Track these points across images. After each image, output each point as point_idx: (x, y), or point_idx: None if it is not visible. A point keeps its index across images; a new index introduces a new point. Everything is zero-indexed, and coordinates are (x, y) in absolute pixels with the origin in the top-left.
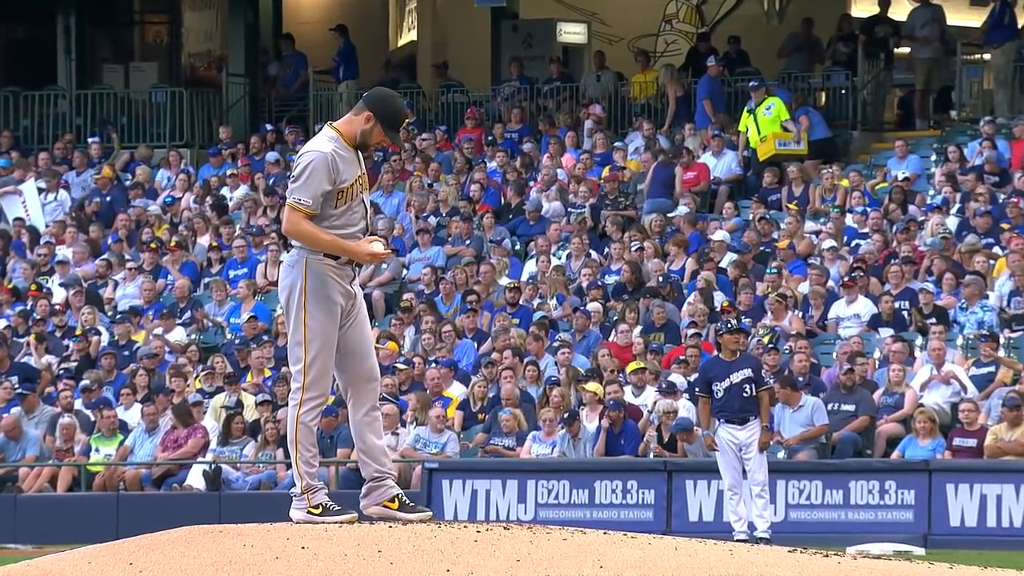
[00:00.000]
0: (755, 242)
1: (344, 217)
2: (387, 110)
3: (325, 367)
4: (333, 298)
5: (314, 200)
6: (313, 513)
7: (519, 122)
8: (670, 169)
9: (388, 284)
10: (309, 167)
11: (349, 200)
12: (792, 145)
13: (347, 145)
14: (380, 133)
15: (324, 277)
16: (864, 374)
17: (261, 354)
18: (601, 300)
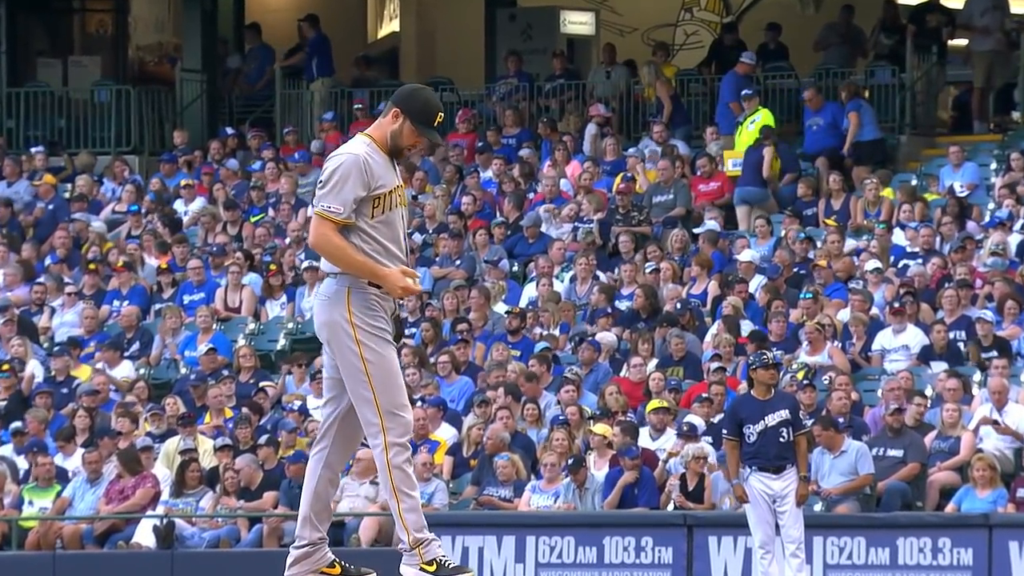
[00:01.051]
0: (788, 263)
1: (382, 229)
2: (416, 104)
3: (398, 401)
4: (385, 329)
5: (346, 207)
6: (427, 571)
7: (517, 125)
8: (759, 152)
9: None
10: (340, 169)
11: (387, 210)
12: None
13: (381, 152)
14: (412, 132)
15: (373, 309)
16: (914, 415)
17: (220, 392)
18: (611, 329)
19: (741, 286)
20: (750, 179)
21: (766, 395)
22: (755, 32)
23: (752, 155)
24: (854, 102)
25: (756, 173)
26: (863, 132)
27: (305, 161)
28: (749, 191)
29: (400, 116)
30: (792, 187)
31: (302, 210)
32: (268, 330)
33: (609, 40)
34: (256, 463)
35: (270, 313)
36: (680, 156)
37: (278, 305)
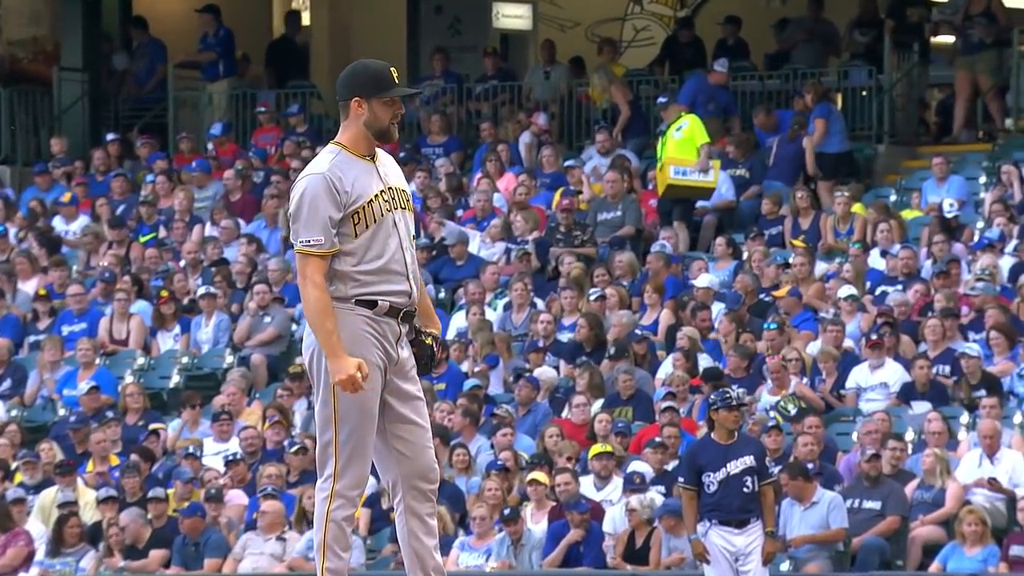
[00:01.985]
0: (751, 289)
1: (372, 247)
2: (365, 77)
3: (361, 450)
4: (369, 359)
5: (327, 236)
6: None
7: (444, 132)
8: (797, 143)
9: (272, 343)
10: (305, 196)
11: (372, 222)
12: (695, 175)
13: (356, 155)
14: (383, 105)
15: (357, 333)
16: (893, 461)
17: (105, 436)
18: (551, 364)
19: (703, 314)
20: (782, 173)
21: (728, 439)
22: (713, 27)
23: (786, 148)
24: (822, 107)
25: (790, 169)
26: (828, 143)
27: (203, 171)
28: (780, 187)
29: (362, 102)
30: (754, 202)
31: (198, 227)
32: (160, 365)
33: (548, 36)
34: (144, 518)
35: (162, 346)
36: (629, 168)
37: (171, 337)
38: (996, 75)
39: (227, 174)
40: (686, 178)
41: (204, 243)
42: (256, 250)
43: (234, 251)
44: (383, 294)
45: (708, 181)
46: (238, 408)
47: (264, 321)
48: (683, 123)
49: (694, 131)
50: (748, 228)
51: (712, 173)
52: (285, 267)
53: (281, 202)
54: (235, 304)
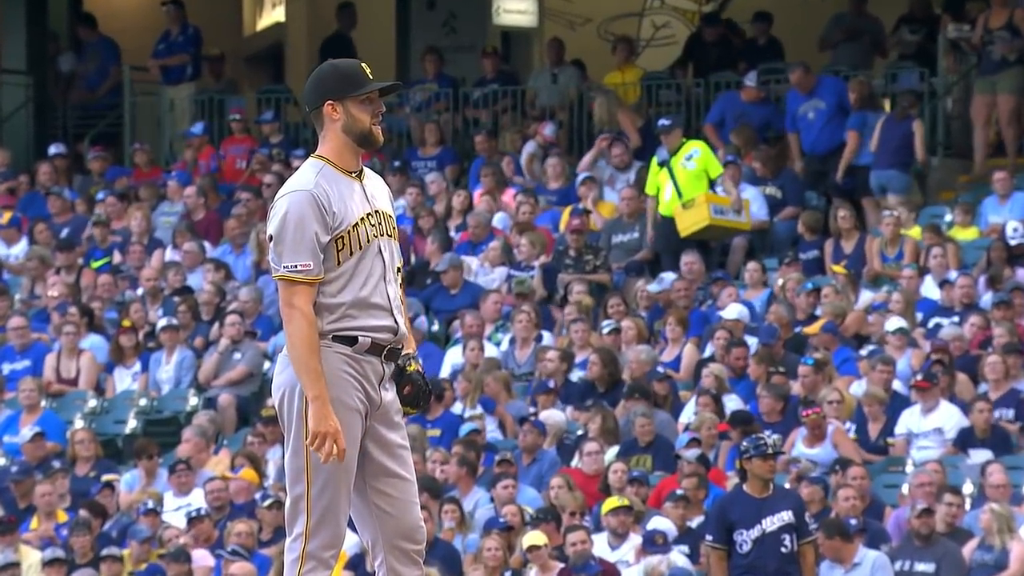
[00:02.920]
0: (785, 321)
1: (356, 277)
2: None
3: (336, 506)
4: (347, 403)
5: (316, 260)
6: None
7: (438, 143)
8: (907, 124)
9: (242, 383)
10: (290, 214)
11: (356, 249)
12: (731, 215)
13: (341, 170)
14: (360, 105)
15: (335, 373)
16: (949, 518)
17: (51, 489)
18: (559, 407)
19: (739, 351)
20: (890, 160)
21: (763, 492)
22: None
23: (893, 129)
24: (858, 116)
25: (899, 153)
26: (862, 155)
27: (162, 187)
28: (889, 176)
29: (335, 105)
30: (790, 224)
31: (158, 251)
32: (114, 408)
33: (556, 34)
34: None
35: (118, 386)
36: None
37: (128, 375)
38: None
39: (188, 191)
40: (724, 218)
41: (165, 269)
42: (224, 277)
43: (199, 278)
44: (365, 329)
45: (743, 222)
46: (203, 457)
47: (233, 358)
48: (693, 151)
49: (707, 162)
50: (782, 252)
51: (745, 214)
52: (257, 296)
53: (249, 222)
54: (200, 338)
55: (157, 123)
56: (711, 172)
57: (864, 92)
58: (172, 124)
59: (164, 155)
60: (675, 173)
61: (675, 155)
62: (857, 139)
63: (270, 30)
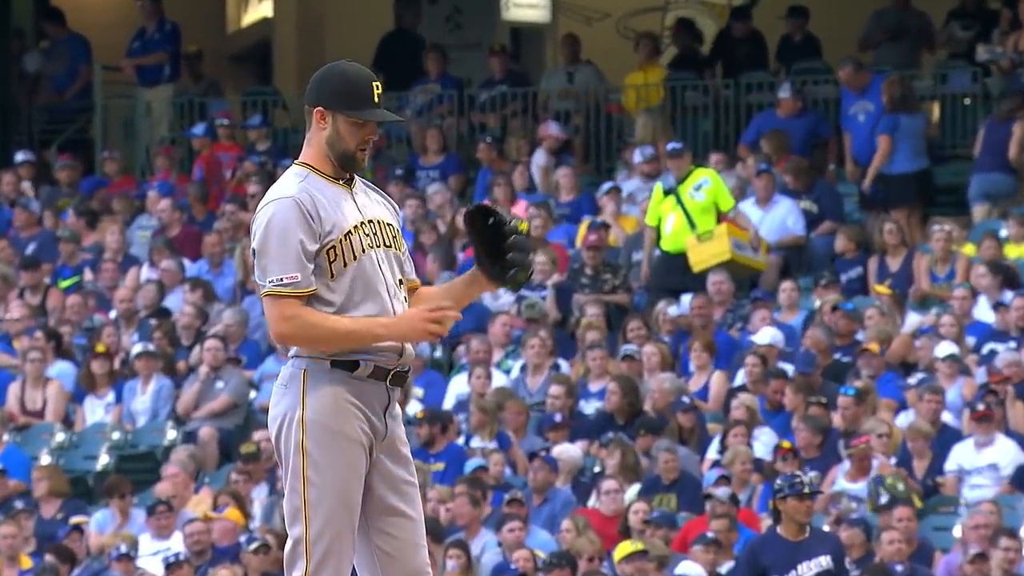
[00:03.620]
0: (824, 346)
1: (353, 293)
2: (334, 86)
3: (338, 548)
4: (350, 435)
5: (304, 273)
6: None
7: (441, 150)
8: (1007, 128)
9: (225, 414)
10: (273, 224)
11: (350, 261)
12: (749, 252)
13: (328, 179)
14: (350, 125)
15: (336, 403)
16: (1006, 564)
17: (14, 531)
18: (574, 441)
19: (778, 383)
20: (992, 163)
21: (798, 535)
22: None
23: (996, 132)
24: (890, 119)
25: (1001, 156)
26: (895, 162)
27: (139, 199)
28: (993, 180)
29: (325, 114)
30: (828, 240)
31: (133, 270)
32: (85, 442)
33: (571, 30)
34: None
35: (88, 418)
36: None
37: (100, 406)
38: None
39: (161, 205)
40: (743, 254)
41: (141, 289)
42: (205, 297)
43: (178, 299)
44: (366, 352)
45: (759, 261)
46: (182, 496)
47: (216, 387)
48: (703, 180)
49: (718, 193)
50: (820, 271)
51: (762, 252)
52: (242, 319)
53: (234, 238)
54: (180, 365)
55: (131, 128)
56: (722, 204)
57: (897, 93)
58: (148, 130)
59: (139, 164)
60: (684, 202)
61: (683, 183)
62: (889, 144)
63: (256, 26)
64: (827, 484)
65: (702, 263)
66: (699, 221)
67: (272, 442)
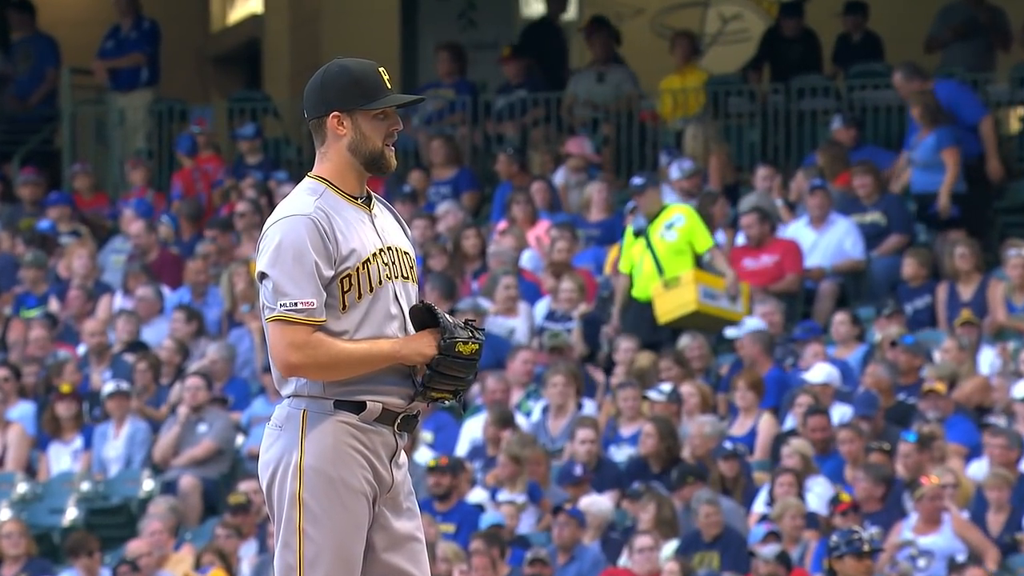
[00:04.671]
0: (887, 386)
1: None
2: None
3: None
4: (352, 485)
5: (318, 298)
6: None
7: (453, 164)
8: None
9: (208, 462)
10: (284, 244)
11: (365, 292)
12: (724, 302)
13: (345, 196)
14: (372, 121)
15: (338, 448)
16: None
17: None
18: (603, 492)
19: (819, 420)
20: None
21: None
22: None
23: None
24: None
25: None
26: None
27: (112, 219)
28: None
29: (342, 117)
30: (891, 262)
31: (105, 298)
32: (50, 494)
33: None
34: None
35: (53, 466)
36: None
37: (67, 453)
38: None
39: (136, 227)
40: (715, 304)
41: (114, 320)
42: (188, 329)
43: (156, 331)
44: (375, 393)
45: (737, 312)
46: (161, 553)
47: (198, 431)
48: (675, 218)
49: (694, 232)
50: (882, 298)
51: (741, 301)
52: (228, 354)
53: (219, 263)
54: (157, 407)
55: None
56: (697, 245)
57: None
58: (122, 141)
59: (112, 179)
60: (653, 243)
61: (653, 222)
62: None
63: (244, 24)
64: (890, 540)
65: (667, 314)
66: (668, 265)
67: (263, 492)
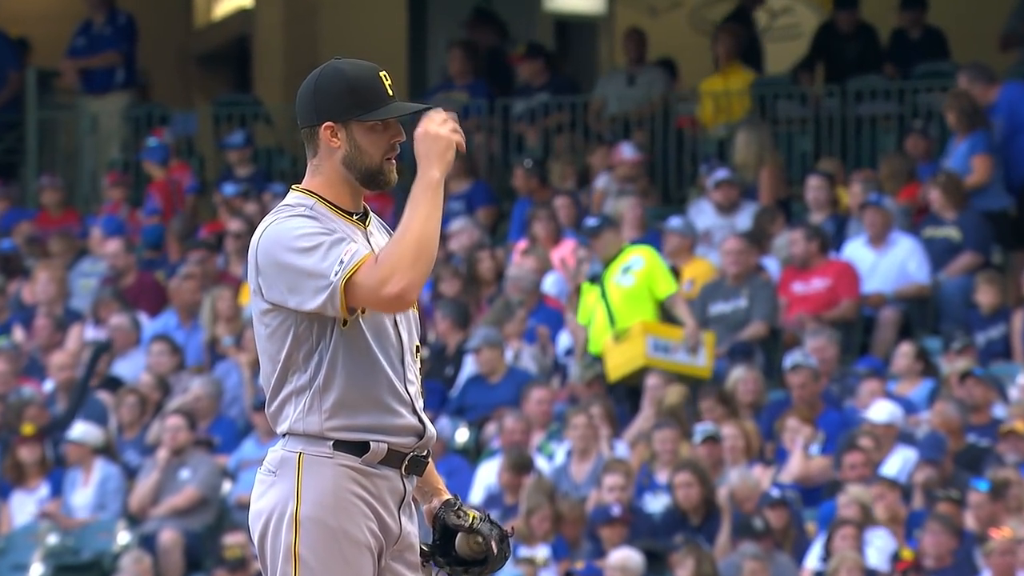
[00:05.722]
0: (956, 427)
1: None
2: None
3: None
4: (355, 537)
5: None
6: None
7: (468, 175)
8: None
9: (192, 512)
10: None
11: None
12: (681, 355)
13: (339, 213)
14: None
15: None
16: None
17: None
18: (635, 546)
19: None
20: None
21: None
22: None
23: None
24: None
25: None
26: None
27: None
28: None
29: (335, 128)
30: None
31: (75, 327)
32: (13, 548)
33: (632, 23)
34: None
35: (16, 517)
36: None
37: (31, 501)
38: None
39: (110, 246)
40: (667, 358)
41: (82, 350)
42: (168, 363)
43: (132, 365)
44: (377, 431)
45: (699, 367)
46: None
47: (179, 477)
48: (632, 261)
49: (653, 276)
50: (951, 327)
51: (704, 355)
52: (213, 390)
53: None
54: (132, 450)
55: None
56: (657, 291)
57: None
58: (95, 151)
59: (83, 194)
60: (608, 292)
61: (609, 266)
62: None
63: (232, 19)
64: None
65: (617, 369)
66: (620, 315)
67: (255, 545)
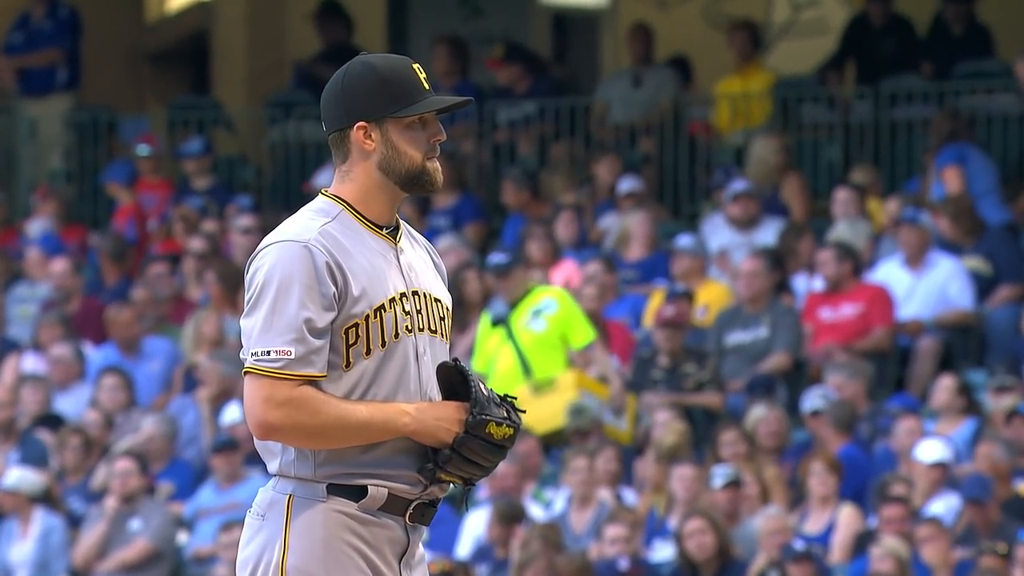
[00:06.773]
0: (1003, 471)
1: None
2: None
3: None
4: None
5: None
6: None
7: (453, 188)
8: None
9: (144, 567)
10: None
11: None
12: (608, 417)
13: (366, 223)
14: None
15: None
16: None
17: None
18: None
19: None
20: None
21: None
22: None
23: None
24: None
25: None
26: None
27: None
28: None
29: (369, 128)
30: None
31: (11, 359)
32: None
33: (638, 17)
34: None
35: None
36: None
37: None
38: None
39: (52, 267)
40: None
41: (20, 386)
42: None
43: (76, 401)
44: (380, 476)
45: (622, 430)
46: None
47: (130, 527)
48: (544, 304)
49: (568, 323)
50: (996, 360)
51: (626, 418)
52: (168, 430)
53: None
54: (76, 497)
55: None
56: (572, 339)
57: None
58: (35, 158)
59: (21, 209)
60: (517, 336)
61: (516, 308)
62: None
63: (189, 13)
64: None
65: (539, 424)
66: (536, 362)
67: None
